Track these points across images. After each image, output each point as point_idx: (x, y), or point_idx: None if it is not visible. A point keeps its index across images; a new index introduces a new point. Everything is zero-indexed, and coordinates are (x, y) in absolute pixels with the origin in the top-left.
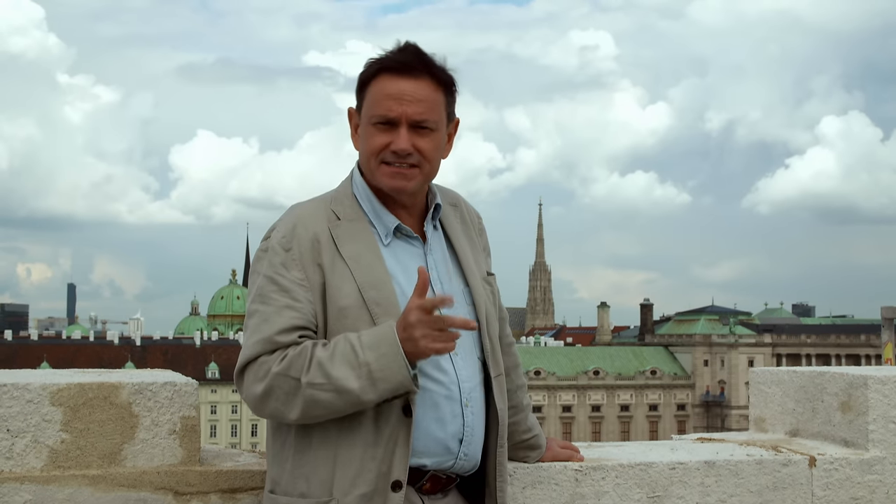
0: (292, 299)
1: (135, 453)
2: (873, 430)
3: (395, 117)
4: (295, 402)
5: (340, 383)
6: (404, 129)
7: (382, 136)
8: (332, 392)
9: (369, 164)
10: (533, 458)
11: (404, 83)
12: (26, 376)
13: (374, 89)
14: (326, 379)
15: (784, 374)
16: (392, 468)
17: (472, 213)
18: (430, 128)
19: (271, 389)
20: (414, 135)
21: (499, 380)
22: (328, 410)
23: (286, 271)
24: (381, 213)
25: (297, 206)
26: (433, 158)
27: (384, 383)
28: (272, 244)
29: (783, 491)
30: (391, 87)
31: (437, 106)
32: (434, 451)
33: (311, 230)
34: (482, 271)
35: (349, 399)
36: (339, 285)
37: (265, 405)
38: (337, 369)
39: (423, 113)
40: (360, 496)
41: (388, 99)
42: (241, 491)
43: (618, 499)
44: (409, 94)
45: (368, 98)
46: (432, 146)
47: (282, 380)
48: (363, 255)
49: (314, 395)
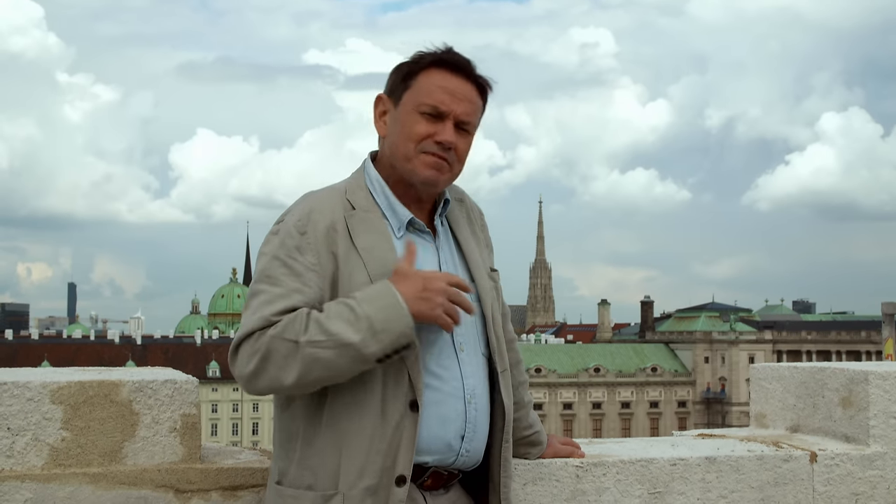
0: (302, 284)
1: (135, 451)
2: (874, 425)
3: (446, 111)
4: (293, 364)
5: (341, 337)
6: (451, 123)
7: (427, 126)
8: (333, 348)
9: (407, 150)
10: (534, 454)
11: (457, 81)
12: (27, 374)
13: (426, 80)
14: (326, 335)
15: (785, 369)
16: (397, 463)
17: (475, 208)
18: (470, 131)
19: (268, 354)
20: (456, 133)
21: (504, 375)
22: (328, 370)
23: (299, 255)
24: (396, 206)
25: (312, 193)
26: (463, 161)
27: (386, 334)
28: (286, 227)
29: (784, 486)
30: (445, 82)
31: (479, 111)
32: (436, 448)
33: (328, 217)
34: (487, 267)
35: (350, 353)
36: (352, 275)
37: (261, 375)
38: (336, 325)
39: (470, 114)
40: (365, 489)
41: (441, 92)
42: (242, 488)
43: (619, 495)
44: (461, 92)
45: (417, 87)
46: (467, 148)
47: (278, 343)
48: (377, 247)
49: (314, 353)
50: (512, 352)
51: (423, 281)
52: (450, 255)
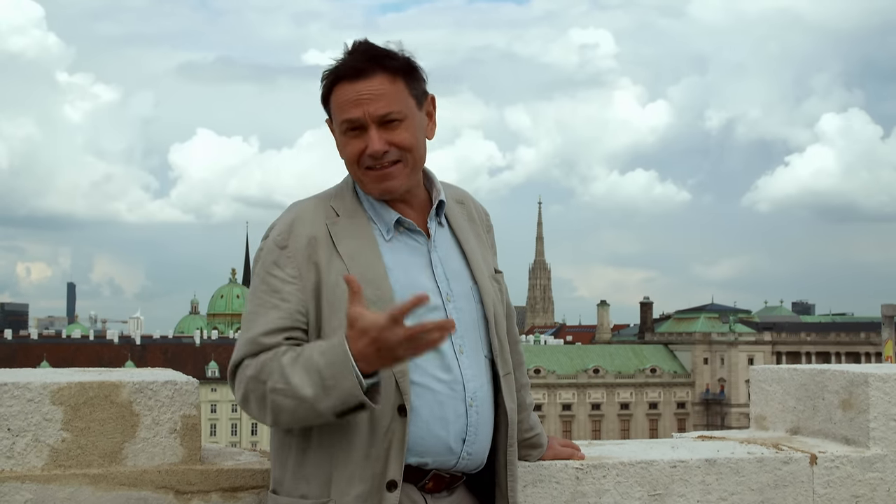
0: (280, 300)
1: (135, 452)
2: (874, 427)
3: (360, 118)
4: (265, 408)
5: (297, 391)
6: (373, 129)
7: (357, 143)
8: (292, 399)
9: (354, 173)
10: (534, 456)
11: (359, 85)
12: (27, 375)
13: (335, 100)
14: (286, 384)
15: (785, 371)
16: (387, 468)
17: (480, 210)
18: (398, 118)
19: (247, 394)
20: (384, 131)
21: (507, 378)
22: (293, 418)
23: (279, 269)
24: (381, 209)
25: (297, 203)
26: (413, 147)
27: (336, 391)
28: (268, 243)
29: (784, 489)
30: (348, 93)
31: (399, 95)
32: (436, 450)
33: (309, 227)
34: (490, 269)
35: (307, 407)
36: (336, 282)
37: (247, 409)
38: (296, 375)
39: (385, 106)
40: (357, 496)
41: (347, 105)
42: (243, 490)
43: (619, 497)
44: (367, 93)
45: (333, 110)
46: (407, 135)
47: (253, 384)
48: (361, 253)
49: (278, 401)
50: (516, 353)
51: (374, 342)
52: (448, 258)
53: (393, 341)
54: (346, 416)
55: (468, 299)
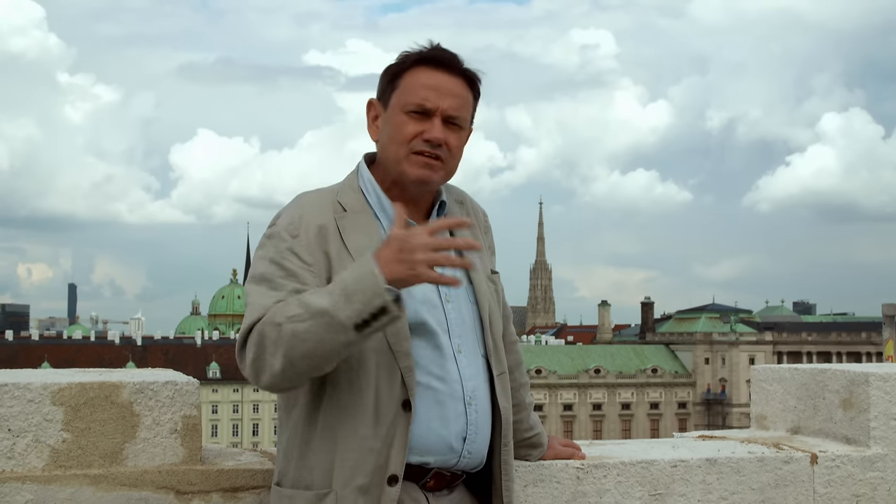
0: (298, 282)
1: (136, 452)
2: (875, 427)
3: (432, 108)
4: (280, 347)
5: (314, 306)
6: (438, 120)
7: (415, 125)
8: (309, 319)
9: (397, 153)
10: (535, 456)
11: (442, 76)
12: (27, 376)
13: (410, 79)
14: (303, 308)
15: (785, 371)
16: (389, 462)
17: (479, 211)
18: (461, 125)
19: (261, 341)
20: (445, 129)
21: (501, 378)
22: (309, 343)
23: (293, 257)
24: (387, 206)
25: (304, 195)
26: (457, 156)
27: (358, 296)
28: (278, 230)
29: (785, 488)
30: (429, 79)
31: (468, 105)
32: (437, 449)
33: (318, 218)
34: (486, 269)
35: (325, 321)
36: None
37: (260, 367)
38: (313, 297)
39: (458, 108)
40: (358, 488)
41: (425, 89)
42: (243, 490)
43: (619, 497)
44: (447, 87)
45: (403, 87)
46: (459, 143)
47: (267, 328)
48: (368, 247)
49: (293, 328)
50: (513, 353)
51: (399, 242)
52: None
53: (415, 243)
54: (368, 327)
55: (464, 299)
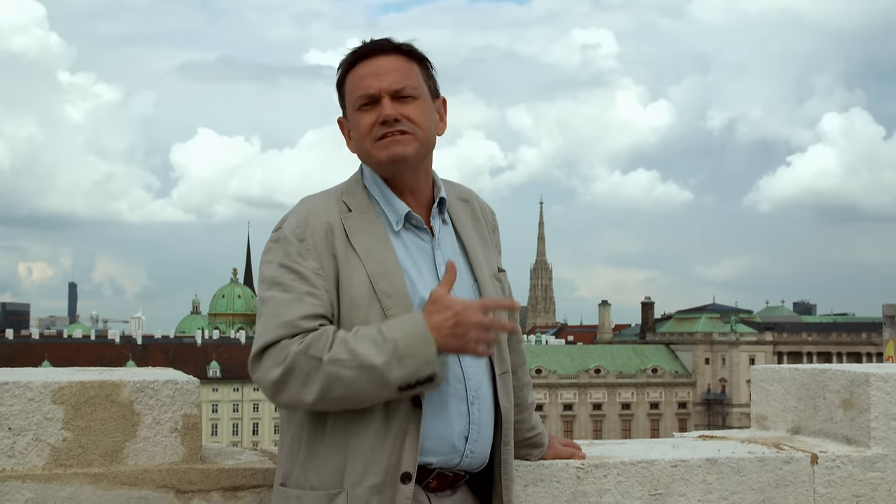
0: (311, 286)
1: (136, 451)
2: (875, 427)
3: (375, 92)
4: (314, 382)
5: (364, 359)
6: (386, 99)
7: (369, 115)
8: (356, 369)
9: (365, 147)
10: (535, 455)
11: (375, 62)
12: (28, 374)
13: (351, 79)
14: (350, 355)
15: (786, 371)
16: (402, 460)
17: (486, 209)
18: (412, 94)
19: (291, 370)
20: (398, 104)
21: (504, 377)
22: (349, 390)
23: (302, 260)
24: (392, 200)
25: (309, 198)
26: (423, 125)
27: (410, 360)
28: (285, 234)
29: (785, 488)
30: (365, 69)
31: (413, 74)
32: (440, 449)
33: (324, 221)
34: (492, 267)
35: (372, 375)
36: (351, 276)
37: (283, 388)
38: (361, 346)
39: (400, 80)
40: (370, 487)
41: (364, 79)
42: (244, 489)
43: (619, 496)
44: (383, 68)
45: (348, 89)
46: (419, 112)
47: (302, 359)
48: (374, 247)
49: (337, 372)
50: (517, 353)
51: (456, 316)
52: (450, 255)
53: (474, 321)
54: (410, 390)
55: (469, 298)
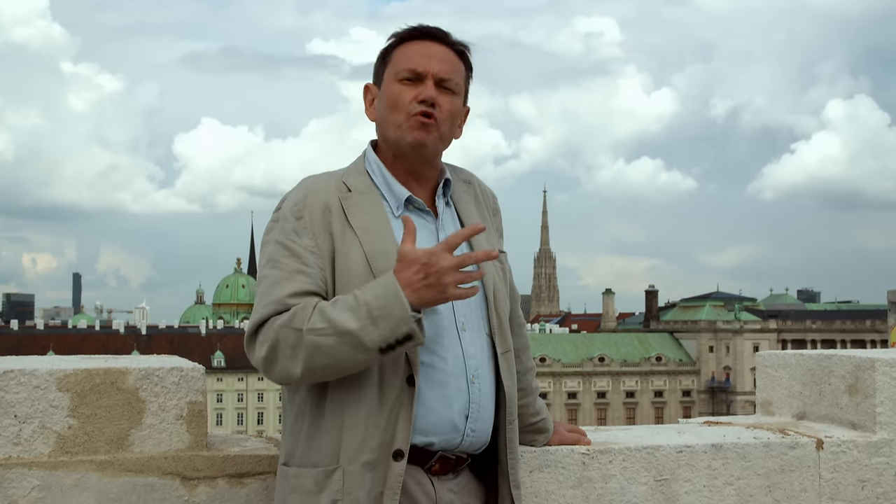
0: (303, 264)
1: (142, 438)
2: (881, 412)
3: (423, 72)
4: (299, 354)
5: (340, 325)
6: (430, 82)
7: (409, 90)
8: (333, 336)
9: (396, 119)
10: (540, 441)
11: (431, 45)
12: (33, 362)
13: (401, 52)
14: (327, 323)
15: (791, 357)
16: (395, 437)
17: (487, 192)
18: (453, 90)
19: (276, 344)
20: (439, 92)
21: (506, 356)
22: (332, 358)
23: (297, 237)
24: (393, 185)
25: (309, 178)
26: (449, 120)
27: (384, 321)
28: (283, 213)
29: (790, 473)
30: (419, 48)
31: (460, 72)
32: (441, 428)
33: (323, 199)
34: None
35: (350, 340)
36: (348, 254)
37: (273, 364)
38: (337, 313)
39: (449, 72)
40: (364, 464)
41: (416, 55)
42: (249, 476)
43: (625, 482)
44: (437, 53)
45: (394, 60)
46: (452, 107)
47: (285, 332)
48: (372, 226)
49: (315, 340)
50: (520, 338)
51: (424, 267)
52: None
53: (443, 266)
54: (392, 350)
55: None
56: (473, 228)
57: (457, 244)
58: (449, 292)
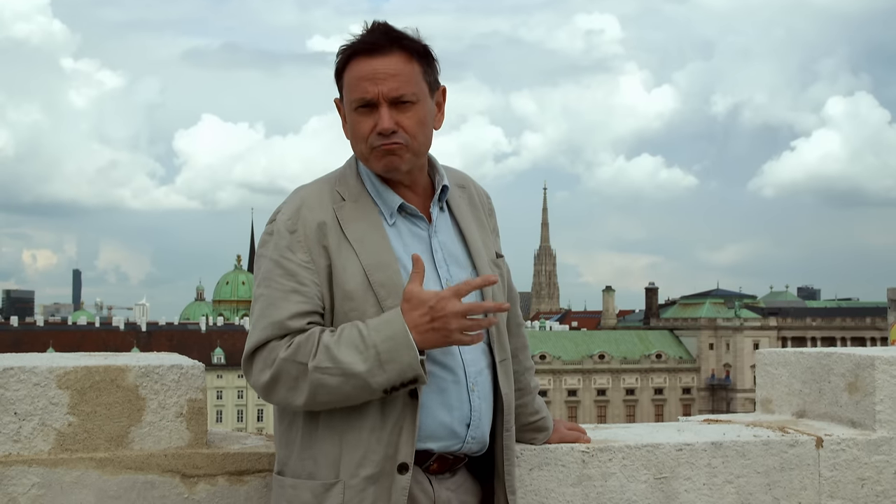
0: (298, 283)
1: (142, 436)
2: (880, 410)
3: (373, 98)
4: (301, 388)
5: (347, 367)
6: (384, 108)
7: (367, 120)
8: (340, 376)
9: (361, 151)
10: (540, 440)
11: (376, 62)
12: (33, 360)
13: (349, 75)
14: (333, 363)
15: (791, 355)
16: (398, 451)
17: (482, 193)
18: (411, 100)
19: (278, 375)
20: (395, 112)
21: (504, 364)
22: (335, 396)
23: (291, 254)
24: (384, 193)
25: (302, 188)
26: (418, 133)
27: (392, 365)
28: (277, 227)
29: (790, 471)
30: (364, 69)
31: (414, 77)
32: (441, 435)
33: (316, 212)
34: (490, 253)
35: (357, 383)
36: (345, 267)
37: (273, 392)
38: (343, 353)
39: (400, 88)
40: (366, 478)
41: (362, 81)
42: (249, 473)
43: (625, 480)
44: (382, 71)
45: (346, 85)
46: (415, 120)
47: (289, 365)
48: (368, 237)
49: (321, 379)
50: (518, 337)
51: (430, 311)
52: (448, 242)
53: (449, 311)
54: (395, 391)
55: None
56: (486, 279)
57: (466, 292)
58: (454, 338)
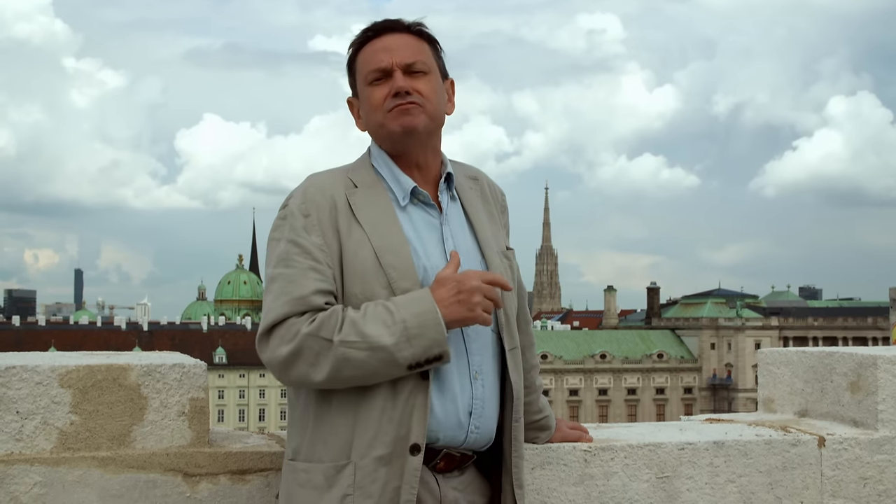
0: (315, 261)
1: (144, 435)
2: (882, 409)
3: (387, 66)
4: (324, 363)
5: (374, 340)
6: (399, 73)
7: (381, 89)
8: (366, 350)
9: (377, 119)
10: (543, 438)
11: (387, 38)
12: (35, 358)
13: (363, 56)
14: (360, 336)
15: (793, 354)
16: (410, 432)
17: (496, 189)
18: (423, 70)
19: (300, 350)
20: (409, 78)
21: (513, 353)
22: (360, 371)
23: (307, 235)
24: (399, 176)
25: (315, 175)
26: (433, 99)
27: (419, 339)
28: (291, 210)
29: (792, 471)
30: (377, 45)
31: (424, 51)
32: (445, 424)
33: (329, 196)
34: (500, 245)
35: (382, 356)
36: (356, 250)
37: (291, 368)
38: (371, 327)
39: (412, 55)
40: (378, 458)
41: (376, 53)
42: (251, 472)
43: (626, 479)
44: (395, 44)
45: (360, 67)
46: (429, 87)
47: (312, 340)
48: (380, 220)
49: (346, 353)
50: (526, 335)
51: (457, 283)
52: (459, 232)
53: (472, 285)
54: (419, 368)
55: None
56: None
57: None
58: (476, 312)
